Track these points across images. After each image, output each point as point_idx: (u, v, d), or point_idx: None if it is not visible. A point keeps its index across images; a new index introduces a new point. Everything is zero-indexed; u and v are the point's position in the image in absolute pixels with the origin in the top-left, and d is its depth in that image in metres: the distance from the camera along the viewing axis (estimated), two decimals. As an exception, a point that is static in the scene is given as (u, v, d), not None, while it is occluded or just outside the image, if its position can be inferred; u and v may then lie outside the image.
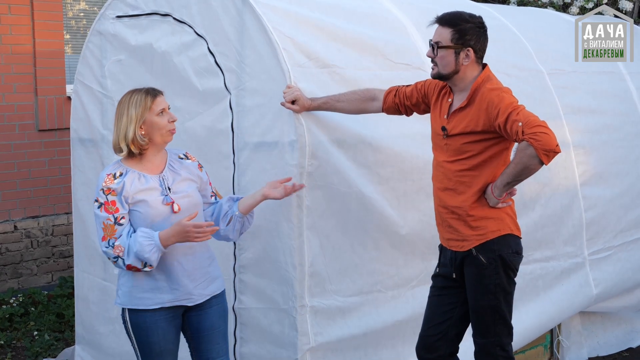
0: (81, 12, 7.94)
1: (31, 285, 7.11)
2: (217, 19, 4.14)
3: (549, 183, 5.01)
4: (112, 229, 3.42)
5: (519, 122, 3.42)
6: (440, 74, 3.70)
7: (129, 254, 3.39)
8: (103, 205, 3.43)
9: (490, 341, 3.74)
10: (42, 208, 7.22)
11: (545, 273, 5.02)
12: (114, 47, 4.77)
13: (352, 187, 4.04)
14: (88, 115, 4.99)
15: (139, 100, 3.49)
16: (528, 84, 5.11)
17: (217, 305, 3.69)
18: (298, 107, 3.84)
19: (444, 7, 4.02)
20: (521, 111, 3.48)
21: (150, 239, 3.38)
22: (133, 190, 3.46)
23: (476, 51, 3.66)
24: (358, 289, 4.15)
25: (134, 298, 3.54)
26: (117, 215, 3.43)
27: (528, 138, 3.38)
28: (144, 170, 3.53)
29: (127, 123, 3.46)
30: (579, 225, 5.29)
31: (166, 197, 3.50)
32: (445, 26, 3.65)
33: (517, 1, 8.63)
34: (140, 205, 3.46)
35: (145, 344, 3.56)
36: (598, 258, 5.45)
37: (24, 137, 7.09)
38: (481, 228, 3.68)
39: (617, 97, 5.90)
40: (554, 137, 3.39)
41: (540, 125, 3.40)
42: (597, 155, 5.49)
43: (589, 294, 5.34)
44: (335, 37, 4.24)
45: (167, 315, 3.56)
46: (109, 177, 3.46)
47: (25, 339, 6.03)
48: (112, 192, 3.44)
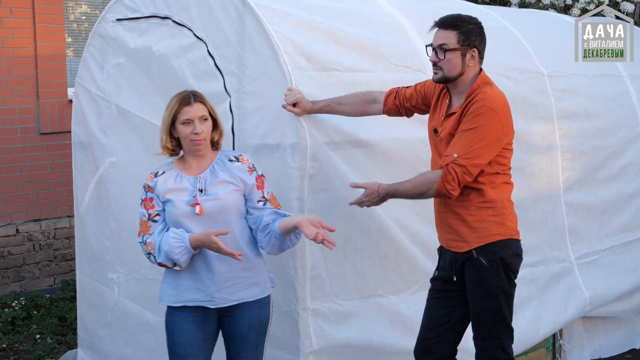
0: (83, 15, 7.94)
1: (33, 288, 7.11)
2: (217, 21, 4.14)
3: (530, 190, 5.00)
4: (145, 225, 3.56)
5: (454, 152, 3.53)
6: (446, 78, 3.67)
7: (159, 252, 3.49)
8: (143, 202, 3.59)
9: (492, 344, 3.73)
10: (44, 211, 7.22)
11: (536, 277, 5.01)
12: (113, 50, 4.77)
13: (353, 190, 4.03)
14: (86, 118, 4.99)
15: (172, 105, 3.57)
16: (527, 86, 5.10)
17: (251, 316, 3.60)
18: (299, 109, 3.83)
19: (445, 10, 4.02)
20: (476, 139, 3.51)
21: (180, 241, 3.44)
22: (163, 189, 3.55)
23: (480, 51, 3.67)
24: (359, 293, 4.15)
25: (164, 294, 3.62)
26: (151, 212, 3.55)
27: (446, 170, 3.51)
28: (184, 170, 3.60)
29: (162, 126, 3.59)
30: (562, 230, 5.28)
31: (192, 198, 3.52)
32: (449, 29, 3.64)
33: (518, 3, 8.63)
34: (167, 204, 3.55)
35: (171, 343, 3.59)
36: (586, 262, 5.43)
37: (26, 141, 7.10)
38: (482, 230, 3.68)
39: (616, 100, 5.88)
40: (457, 190, 3.53)
41: (464, 168, 3.50)
42: (584, 160, 5.47)
43: (581, 297, 5.32)
44: (335, 40, 4.24)
45: (197, 318, 3.55)
46: (151, 175, 3.61)
47: (28, 342, 6.03)
48: (150, 189, 3.58)
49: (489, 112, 3.54)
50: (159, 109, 4.49)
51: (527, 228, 4.88)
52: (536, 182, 5.06)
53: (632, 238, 5.85)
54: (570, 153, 5.35)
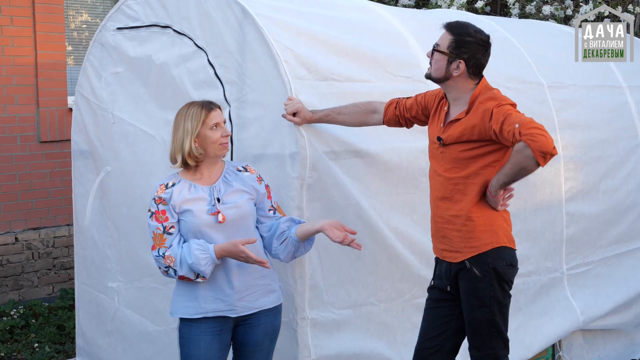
0: (83, 24, 7.96)
1: (32, 297, 7.10)
2: (217, 31, 4.15)
3: (531, 199, 4.99)
4: (161, 238, 3.48)
5: (515, 124, 3.42)
6: (430, 76, 3.75)
7: (181, 265, 3.43)
8: (154, 215, 3.51)
9: (486, 354, 3.73)
10: (43, 220, 7.22)
11: (526, 288, 5.00)
12: (113, 59, 4.78)
13: (351, 200, 4.04)
14: (86, 126, 5.00)
15: (195, 113, 3.53)
16: (527, 97, 5.11)
17: (267, 324, 3.63)
18: (299, 119, 3.84)
19: (445, 20, 4.03)
20: (517, 115, 3.48)
21: (205, 252, 3.41)
22: (180, 200, 3.50)
23: (469, 66, 3.65)
24: (352, 301, 4.15)
25: (180, 307, 3.55)
26: (166, 224, 3.49)
27: (525, 139, 3.37)
28: (196, 181, 3.57)
29: (184, 135, 3.51)
30: (560, 240, 5.27)
31: (212, 207, 3.51)
32: (449, 32, 3.69)
33: (518, 14, 8.65)
34: (186, 215, 3.50)
35: (187, 356, 3.55)
36: (576, 273, 5.41)
37: (26, 149, 7.10)
38: (475, 240, 3.67)
39: (616, 111, 5.88)
40: (551, 140, 3.37)
41: (537, 127, 3.39)
42: (587, 170, 5.46)
43: (570, 308, 5.30)
44: (336, 50, 4.25)
45: (214, 329, 3.54)
46: (161, 187, 3.54)
47: (26, 351, 6.02)
48: (162, 202, 3.51)
49: (495, 101, 3.58)
50: (154, 118, 4.52)
51: (525, 238, 4.88)
52: (539, 192, 5.05)
53: (624, 250, 5.83)
54: (574, 163, 5.35)
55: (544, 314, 5.13)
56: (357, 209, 4.07)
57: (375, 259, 4.20)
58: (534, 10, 8.52)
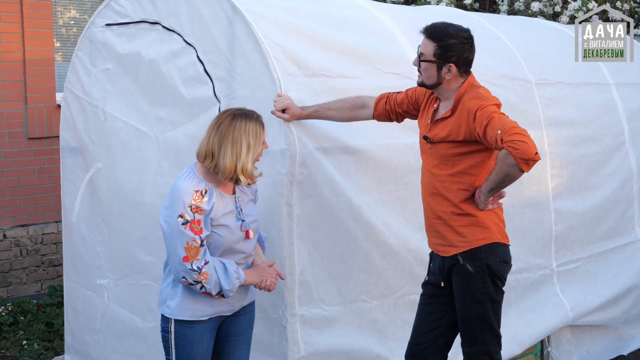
0: (71, 20, 7.92)
1: (20, 294, 7.07)
2: (207, 27, 4.14)
3: (519, 196, 5.00)
4: (196, 251, 3.29)
5: (497, 130, 3.42)
6: (424, 84, 3.75)
7: (215, 285, 3.35)
8: (189, 224, 3.27)
9: (479, 350, 3.74)
10: (31, 216, 7.19)
11: (517, 285, 5.02)
12: (102, 55, 4.77)
13: (341, 197, 4.04)
14: (75, 123, 4.98)
15: (255, 130, 3.38)
16: (515, 94, 5.12)
17: (249, 313, 3.70)
18: (288, 115, 3.84)
19: (435, 16, 4.03)
20: (500, 119, 3.47)
21: (239, 279, 3.42)
22: (220, 213, 3.37)
23: (459, 66, 3.65)
24: (343, 298, 4.15)
25: (186, 309, 3.45)
26: (202, 236, 3.30)
27: (507, 146, 3.38)
28: (220, 187, 3.43)
29: (246, 153, 3.35)
30: (549, 237, 5.29)
31: (243, 222, 3.46)
32: (430, 39, 3.66)
33: (507, 10, 8.66)
34: (222, 230, 3.39)
35: (188, 356, 3.49)
36: (566, 270, 5.44)
37: (14, 146, 7.06)
38: (467, 234, 3.69)
39: (602, 108, 5.89)
40: (533, 145, 3.36)
41: (519, 133, 3.38)
42: (572, 168, 5.48)
43: (560, 304, 5.33)
44: (325, 46, 4.25)
45: (212, 327, 3.55)
46: (197, 195, 3.30)
47: (14, 348, 5.99)
48: (199, 211, 3.29)
49: (480, 101, 3.57)
50: (145, 115, 4.51)
51: (514, 235, 4.85)
52: (525, 189, 5.07)
53: (611, 246, 5.86)
54: (559, 161, 5.36)
55: (534, 310, 5.15)
56: (348, 205, 4.07)
57: (367, 256, 4.20)
58: (523, 7, 8.54)
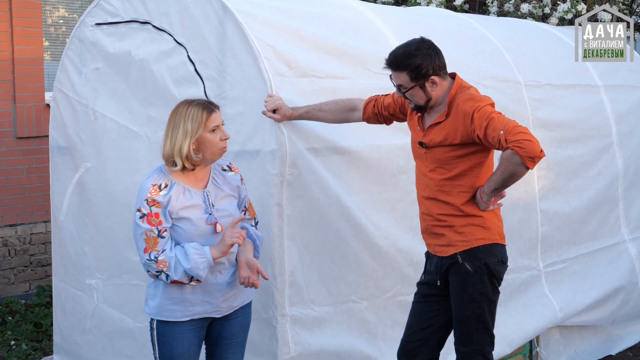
0: (60, 19, 7.90)
1: (8, 294, 7.04)
2: (197, 27, 4.14)
3: (507, 196, 5.01)
4: (154, 242, 3.34)
5: (499, 131, 3.44)
6: (419, 107, 3.73)
7: (176, 270, 3.34)
8: (146, 217, 3.35)
9: (473, 350, 3.75)
10: (19, 216, 7.16)
11: (505, 285, 5.01)
12: (92, 55, 4.75)
13: (332, 197, 4.04)
14: (65, 123, 4.96)
15: (196, 114, 3.39)
16: (505, 95, 5.12)
17: (243, 317, 3.66)
18: (279, 116, 3.84)
19: (425, 17, 4.04)
20: (499, 119, 3.49)
21: (202, 255, 3.35)
22: (178, 206, 3.39)
23: (437, 74, 3.66)
24: (333, 298, 4.15)
25: (164, 310, 3.47)
26: (160, 228, 3.35)
27: (512, 146, 3.40)
28: (188, 183, 3.45)
29: (183, 137, 3.37)
30: (535, 238, 5.31)
31: (210, 216, 3.44)
32: (399, 71, 3.66)
33: (497, 12, 8.69)
34: (184, 222, 3.40)
35: (168, 354, 3.50)
36: (553, 270, 5.45)
37: (2, 145, 7.04)
38: (467, 234, 3.70)
39: (590, 110, 5.90)
40: (537, 143, 3.42)
41: (522, 132, 3.42)
42: (558, 170, 5.50)
43: (549, 305, 5.35)
44: (316, 47, 4.25)
45: (195, 327, 3.52)
46: (154, 188, 3.37)
47: (2, 349, 5.97)
48: (156, 204, 3.35)
49: (474, 102, 3.58)
50: (136, 114, 4.50)
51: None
52: (514, 190, 5.06)
53: (597, 247, 5.88)
54: (545, 162, 5.37)
55: (524, 310, 5.17)
56: (338, 206, 4.07)
57: (357, 256, 4.21)
58: (512, 8, 8.56)
